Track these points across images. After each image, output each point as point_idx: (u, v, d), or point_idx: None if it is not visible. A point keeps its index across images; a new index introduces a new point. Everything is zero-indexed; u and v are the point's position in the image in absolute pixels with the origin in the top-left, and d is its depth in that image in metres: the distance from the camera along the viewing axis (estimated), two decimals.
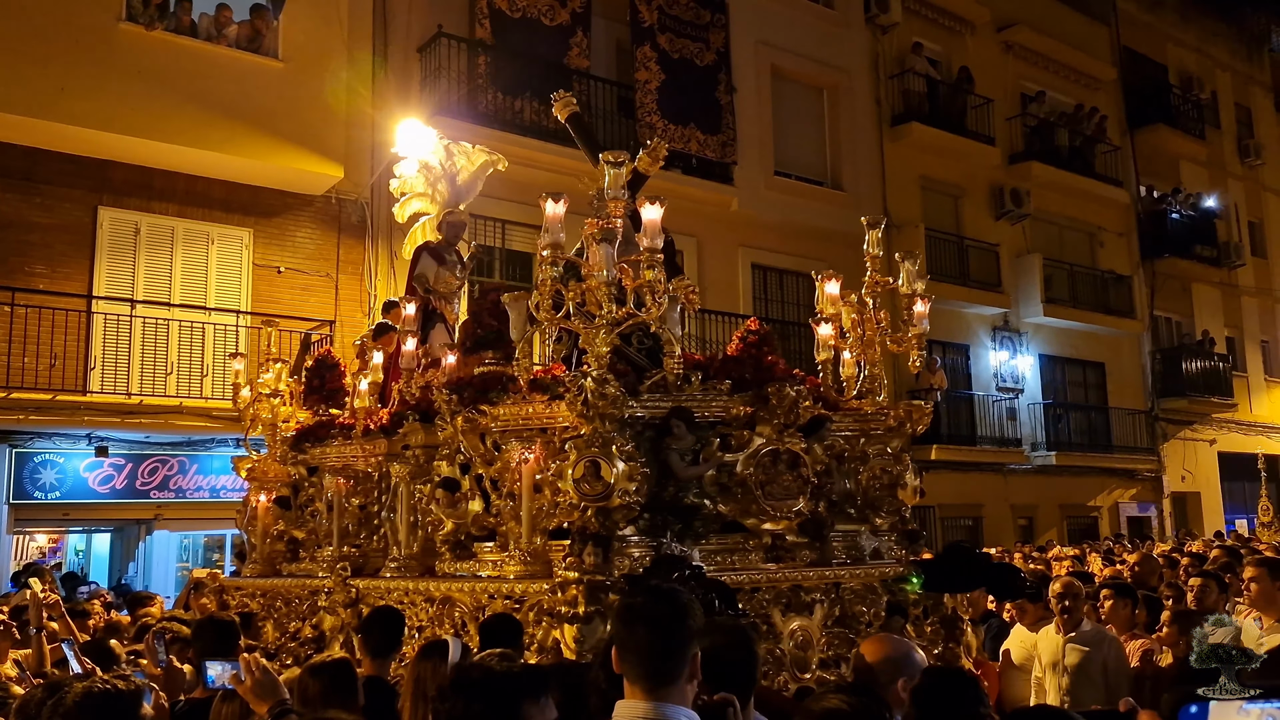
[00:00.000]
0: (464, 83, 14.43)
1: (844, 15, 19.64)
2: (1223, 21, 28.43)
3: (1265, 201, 28.74)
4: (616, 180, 5.45)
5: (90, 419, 11.85)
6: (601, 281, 5.04)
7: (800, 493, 5.60)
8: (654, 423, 5.44)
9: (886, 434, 6.27)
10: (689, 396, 5.60)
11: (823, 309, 6.66)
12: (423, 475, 6.26)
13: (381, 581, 6.28)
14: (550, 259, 5.16)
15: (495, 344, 6.89)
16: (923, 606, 5.72)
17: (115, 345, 12.12)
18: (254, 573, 7.88)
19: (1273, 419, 26.93)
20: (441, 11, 14.69)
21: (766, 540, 5.60)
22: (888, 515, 6.11)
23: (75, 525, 13.81)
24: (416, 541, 6.33)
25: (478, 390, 5.96)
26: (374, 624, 5.15)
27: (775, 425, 5.60)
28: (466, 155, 9.16)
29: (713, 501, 5.53)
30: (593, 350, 5.14)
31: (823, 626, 5.41)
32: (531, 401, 5.65)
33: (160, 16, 12.32)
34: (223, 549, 13.80)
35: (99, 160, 12.32)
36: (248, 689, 3.35)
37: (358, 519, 7.09)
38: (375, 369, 7.66)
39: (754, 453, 5.56)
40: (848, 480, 6.09)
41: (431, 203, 9.14)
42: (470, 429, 5.79)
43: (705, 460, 5.52)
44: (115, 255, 12.51)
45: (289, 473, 7.84)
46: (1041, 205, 22.03)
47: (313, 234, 13.83)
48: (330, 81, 13.37)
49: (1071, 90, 24.03)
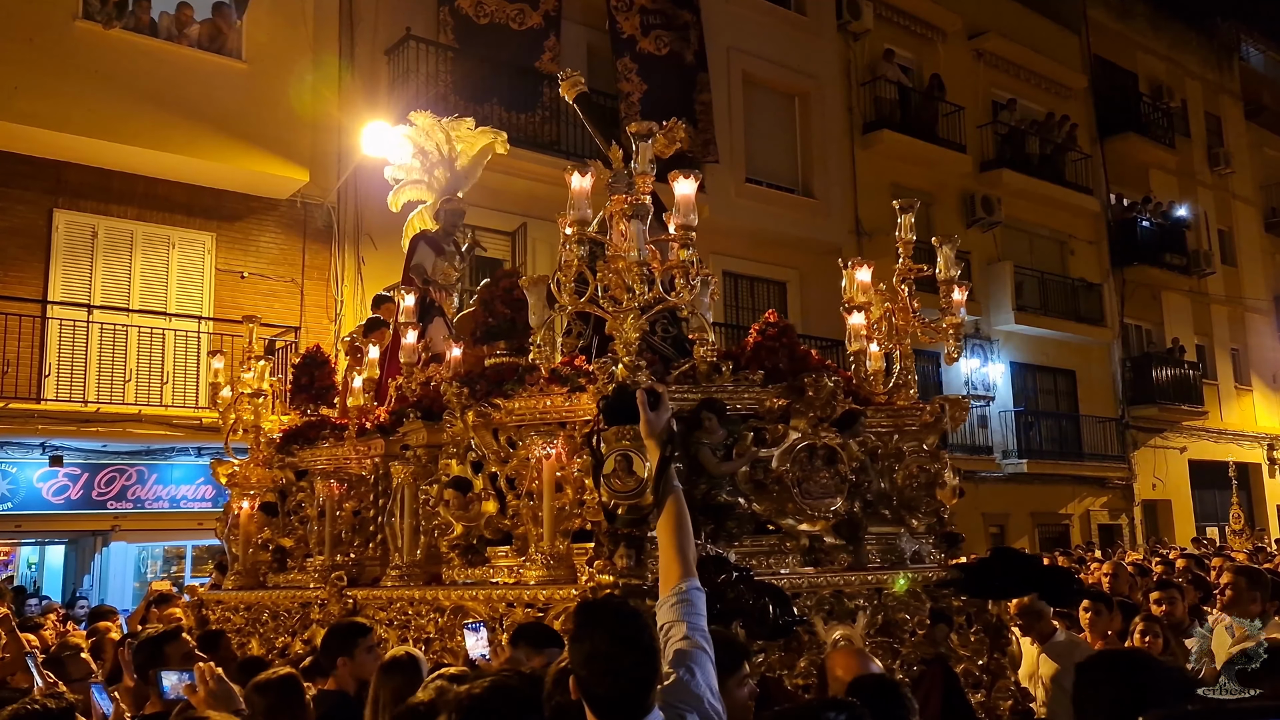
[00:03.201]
0: (432, 86, 14.23)
1: (816, 22, 19.60)
2: (1193, 30, 28.66)
3: (1235, 210, 28.96)
4: (645, 153, 5.07)
5: (44, 428, 11.56)
6: (632, 262, 4.68)
7: (838, 491, 5.26)
8: (682, 416, 5.01)
9: (921, 430, 5.86)
10: (719, 387, 5.26)
11: (852, 298, 6.14)
12: (426, 476, 5.92)
13: (382, 591, 5.93)
14: (576, 236, 4.77)
15: (508, 333, 6.42)
16: (966, 614, 5.36)
17: (71, 352, 11.83)
18: (237, 585, 7.49)
19: (1243, 427, 27.11)
20: (409, 14, 14.50)
21: (804, 542, 5.25)
22: (925, 516, 5.72)
23: (28, 537, 13.47)
24: (420, 547, 5.99)
25: (491, 382, 5.61)
26: (334, 637, 5.03)
27: (811, 419, 5.24)
28: (466, 138, 8.71)
29: (746, 500, 5.18)
30: (620, 336, 4.79)
31: (865, 635, 5.07)
32: (550, 393, 5.31)
33: (118, 15, 12.05)
34: (183, 560, 13.53)
35: (54, 161, 12.04)
36: (200, 699, 3.31)
37: (351, 525, 6.74)
38: (371, 364, 7.20)
39: (789, 448, 5.19)
40: (882, 479, 5.70)
41: (428, 190, 8.71)
42: (483, 424, 5.43)
43: (739, 455, 5.14)
44: (71, 259, 12.23)
45: (275, 477, 7.46)
46: (1012, 213, 22.08)
47: (277, 238, 13.59)
48: (295, 83, 13.14)
49: (1042, 98, 24.14)
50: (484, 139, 8.78)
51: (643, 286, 4.72)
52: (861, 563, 5.33)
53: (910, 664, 5.08)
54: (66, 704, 3.49)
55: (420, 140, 8.59)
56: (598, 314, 5.02)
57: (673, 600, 2.80)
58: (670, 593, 2.83)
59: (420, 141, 8.59)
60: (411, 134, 8.62)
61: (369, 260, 13.83)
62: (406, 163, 8.70)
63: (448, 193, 8.59)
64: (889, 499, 5.67)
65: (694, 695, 2.57)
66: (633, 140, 5.06)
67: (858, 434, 5.49)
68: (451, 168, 8.64)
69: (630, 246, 4.70)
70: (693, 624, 2.74)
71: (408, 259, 8.42)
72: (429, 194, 8.70)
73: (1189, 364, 25.36)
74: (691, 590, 2.82)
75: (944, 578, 5.37)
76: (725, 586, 4.24)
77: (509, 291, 6.56)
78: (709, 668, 2.67)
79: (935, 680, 4.89)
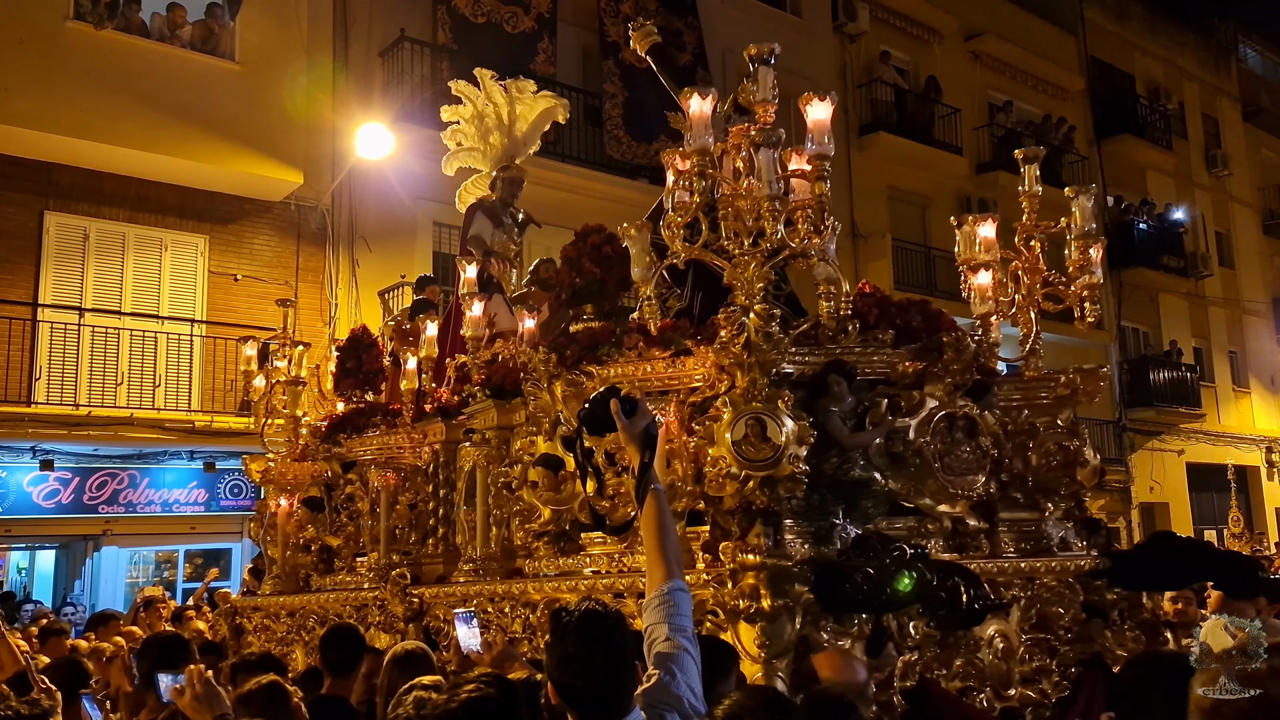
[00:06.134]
0: (427, 87, 14.16)
1: (811, 24, 19.55)
2: (1190, 32, 28.61)
3: (1232, 212, 28.91)
4: (765, 79, 4.62)
5: (35, 431, 11.52)
6: (761, 197, 4.09)
7: (980, 468, 4.69)
8: (804, 380, 4.46)
9: (1054, 404, 5.21)
10: (845, 349, 4.65)
11: (973, 256, 5.45)
12: (499, 460, 5.44)
13: (455, 587, 5.47)
14: (697, 169, 4.23)
15: (597, 295, 5.78)
16: (1119, 609, 4.88)
17: (62, 355, 11.77)
18: (276, 589, 7.02)
19: (1241, 429, 27.04)
20: (404, 15, 14.45)
21: (946, 524, 4.68)
22: (1064, 500, 5.10)
23: (18, 542, 13.39)
24: (494, 539, 5.50)
25: (584, 347, 5.03)
26: (331, 641, 4.98)
27: (947, 385, 4.67)
28: (527, 101, 8.21)
29: (883, 476, 4.58)
30: (741, 285, 4.20)
31: (1020, 631, 4.57)
32: (650, 359, 4.77)
33: (109, 15, 12.00)
34: (175, 565, 13.44)
35: (45, 163, 11.99)
36: (187, 703, 3.26)
37: (407, 520, 6.30)
38: (429, 342, 6.56)
39: (927, 417, 4.59)
40: (1016, 458, 5.07)
41: (483, 158, 8.21)
42: (574, 395, 4.80)
43: (873, 425, 4.54)
44: (62, 261, 12.17)
45: (317, 470, 6.97)
46: (1009, 215, 21.91)
47: (271, 241, 13.52)
48: (289, 85, 13.09)
49: (1039, 100, 24.09)
50: (544, 103, 8.33)
51: (776, 225, 4.16)
52: (997, 550, 4.82)
53: (1067, 665, 4.68)
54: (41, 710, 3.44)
55: (479, 103, 8.11)
56: (715, 262, 4.46)
57: (656, 602, 2.80)
58: (654, 594, 2.82)
59: (479, 105, 8.11)
60: (469, 94, 8.14)
61: (363, 263, 13.78)
62: (461, 125, 8.22)
63: (505, 160, 8.12)
64: (1023, 480, 5.07)
65: (674, 696, 2.58)
66: (750, 64, 4.67)
67: (990, 406, 4.94)
68: (510, 133, 8.17)
69: (756, 183, 4.12)
70: (675, 625, 2.74)
71: (464, 230, 7.94)
72: (484, 162, 8.24)
73: (1187, 366, 25.29)
74: (675, 591, 2.81)
75: (1096, 567, 4.88)
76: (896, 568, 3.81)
77: (597, 248, 5.85)
78: (691, 669, 2.68)
79: (1096, 685, 4.45)
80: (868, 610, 3.97)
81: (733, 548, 4.04)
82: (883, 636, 4.01)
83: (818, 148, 4.26)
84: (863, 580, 3.84)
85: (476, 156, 8.25)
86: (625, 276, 5.30)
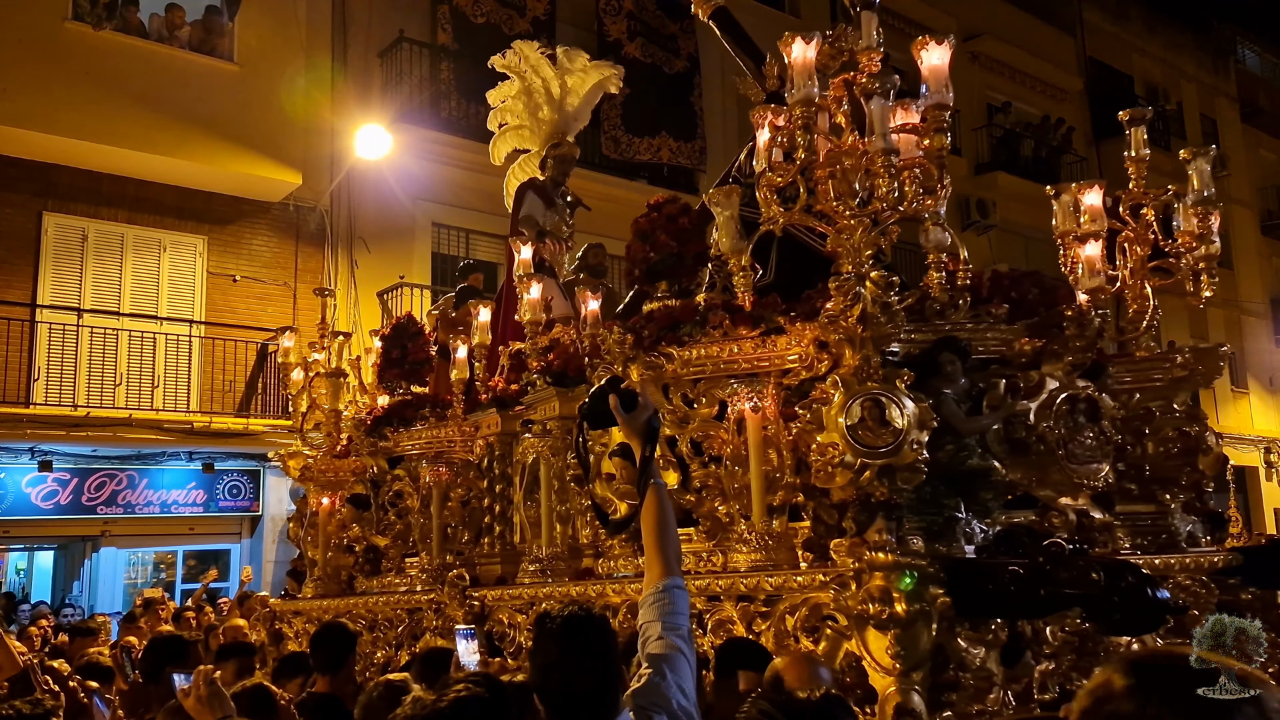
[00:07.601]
0: (426, 88, 14.16)
1: (809, 25, 19.38)
2: (1189, 32, 28.61)
3: (1231, 213, 28.87)
4: (870, 25, 4.32)
5: (34, 432, 11.50)
6: (877, 150, 3.69)
7: (1104, 455, 4.29)
8: (911, 360, 3.99)
9: (1169, 386, 4.82)
10: (956, 325, 4.18)
11: (1077, 228, 4.95)
12: (564, 453, 5.13)
13: (521, 589, 5.11)
14: (802, 120, 3.81)
15: (673, 271, 5.34)
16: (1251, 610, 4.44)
17: (61, 355, 11.76)
18: (318, 592, 6.69)
19: (1240, 430, 27.03)
20: (403, 16, 14.45)
21: (1072, 517, 4.26)
22: (1184, 491, 4.70)
23: (16, 543, 13.37)
24: (559, 536, 5.18)
25: (662, 327, 4.61)
26: (322, 640, 4.98)
27: (1066, 365, 4.26)
28: (577, 73, 7.78)
29: (1002, 464, 4.14)
30: (848, 252, 3.78)
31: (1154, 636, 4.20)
32: (736, 338, 4.37)
33: (108, 16, 12.01)
34: (173, 566, 13.43)
35: (43, 164, 11.98)
36: (191, 704, 3.27)
37: (460, 517, 6.00)
38: (482, 328, 6.16)
39: (1048, 400, 4.19)
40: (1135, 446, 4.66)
41: (532, 136, 7.86)
42: (652, 379, 4.46)
43: (990, 409, 4.13)
44: (61, 262, 12.16)
45: (361, 467, 6.66)
46: (1008, 216, 22.00)
47: (269, 242, 13.51)
48: (287, 85, 13.09)
49: (1038, 101, 24.10)
50: (596, 75, 7.90)
51: (892, 184, 3.74)
52: (1115, 547, 4.46)
53: None
54: (43, 710, 3.44)
55: (528, 76, 7.76)
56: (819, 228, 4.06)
57: (651, 599, 2.74)
58: (650, 591, 2.77)
59: (529, 78, 7.76)
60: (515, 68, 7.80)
61: (362, 263, 13.76)
62: (508, 102, 7.89)
63: (556, 137, 7.77)
64: (1139, 470, 4.68)
65: (664, 697, 2.53)
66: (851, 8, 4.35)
67: (1106, 388, 4.52)
68: (560, 108, 7.81)
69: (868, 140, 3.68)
70: (670, 624, 2.68)
71: (514, 210, 7.59)
72: (533, 141, 7.90)
73: None
74: (671, 589, 2.75)
75: (1230, 563, 4.53)
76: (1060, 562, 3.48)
77: (672, 219, 5.34)
78: (684, 669, 2.63)
79: None
80: (1019, 615, 3.67)
81: (851, 544, 3.67)
82: (1020, 644, 3.75)
83: (936, 97, 3.89)
84: (1011, 581, 3.51)
85: (525, 135, 7.92)
86: (702, 251, 5.03)
